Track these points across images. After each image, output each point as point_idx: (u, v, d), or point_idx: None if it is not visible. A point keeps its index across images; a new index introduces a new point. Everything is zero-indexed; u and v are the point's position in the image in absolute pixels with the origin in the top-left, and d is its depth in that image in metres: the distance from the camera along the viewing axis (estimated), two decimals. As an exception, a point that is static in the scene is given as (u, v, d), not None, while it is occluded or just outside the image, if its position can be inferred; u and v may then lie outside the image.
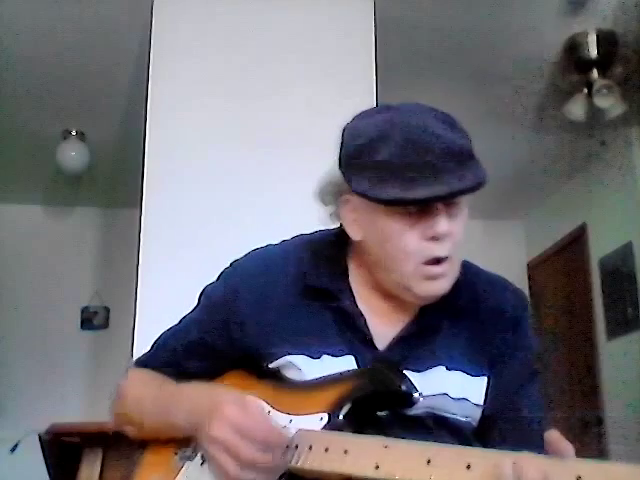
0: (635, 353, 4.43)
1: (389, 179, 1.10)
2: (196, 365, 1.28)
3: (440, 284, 1.17)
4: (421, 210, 1.12)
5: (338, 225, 1.25)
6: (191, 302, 1.34)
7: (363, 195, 1.14)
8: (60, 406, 4.90)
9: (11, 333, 5.36)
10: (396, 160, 1.09)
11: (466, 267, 1.24)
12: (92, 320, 5.55)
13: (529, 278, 5.73)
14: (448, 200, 1.12)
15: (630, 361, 4.47)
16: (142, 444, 1.30)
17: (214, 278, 1.33)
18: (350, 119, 1.23)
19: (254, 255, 1.31)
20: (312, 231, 1.32)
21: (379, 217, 1.14)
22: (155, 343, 1.35)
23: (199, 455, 1.18)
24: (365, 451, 1.01)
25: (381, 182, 1.10)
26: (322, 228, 1.34)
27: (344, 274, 1.25)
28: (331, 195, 1.23)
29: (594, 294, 4.91)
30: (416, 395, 1.11)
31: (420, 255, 1.14)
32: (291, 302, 1.23)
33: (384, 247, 1.16)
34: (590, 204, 5.06)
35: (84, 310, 5.56)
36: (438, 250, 1.14)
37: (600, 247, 4.88)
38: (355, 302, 1.22)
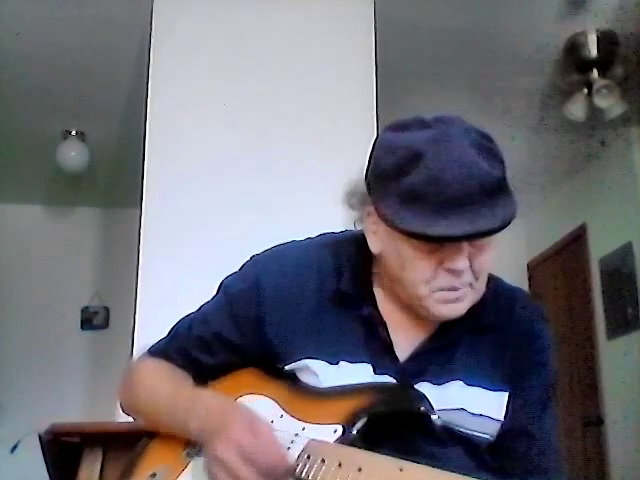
0: (635, 353, 4.43)
1: (413, 207, 1.05)
2: (210, 359, 1.26)
3: (456, 307, 1.14)
4: (441, 242, 1.09)
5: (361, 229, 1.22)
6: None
7: (383, 219, 1.11)
8: (60, 406, 4.90)
9: (11, 333, 5.36)
10: (424, 189, 1.05)
11: (490, 281, 1.20)
12: (92, 320, 5.55)
13: (529, 278, 5.73)
14: (469, 240, 1.09)
15: (630, 361, 4.46)
16: (150, 434, 1.29)
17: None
18: (384, 129, 1.17)
19: (278, 252, 1.29)
20: (339, 230, 1.29)
21: (397, 238, 1.11)
22: (171, 331, 1.32)
23: None
24: (379, 471, 0.99)
25: (404, 209, 1.06)
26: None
27: (368, 280, 1.22)
28: (357, 201, 1.19)
29: (594, 294, 4.90)
30: (434, 417, 1.09)
31: (434, 283, 1.11)
32: (314, 305, 1.21)
33: (400, 266, 1.13)
34: (590, 204, 5.06)
35: (84, 310, 5.55)
36: (454, 282, 1.11)
37: (600, 247, 4.87)
38: (378, 310, 1.20)
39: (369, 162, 1.16)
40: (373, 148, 1.16)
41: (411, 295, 1.14)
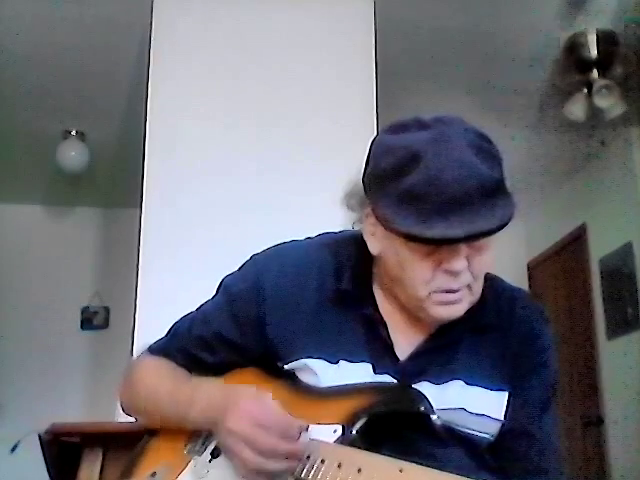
0: (635, 353, 4.43)
1: (409, 209, 1.05)
2: (210, 357, 1.26)
3: (454, 309, 1.14)
4: (438, 244, 1.08)
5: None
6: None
7: (382, 221, 1.11)
8: (60, 406, 4.90)
9: (11, 333, 5.36)
10: (423, 189, 1.04)
11: (490, 281, 1.20)
12: (92, 320, 5.55)
13: (529, 278, 5.73)
14: (465, 242, 1.08)
15: (630, 361, 4.47)
16: (150, 432, 1.30)
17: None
18: (382, 130, 1.17)
19: (279, 251, 1.29)
20: (339, 230, 1.29)
21: (396, 240, 1.11)
22: (170, 330, 1.32)
23: (208, 451, 1.19)
24: (379, 472, 1.00)
25: (402, 210, 1.06)
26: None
27: (368, 280, 1.22)
28: (355, 203, 1.19)
29: (594, 294, 4.90)
30: (434, 417, 1.09)
31: (433, 284, 1.11)
32: (314, 304, 1.21)
33: (399, 268, 1.13)
34: (590, 204, 5.06)
35: (84, 310, 5.56)
36: (452, 283, 1.11)
37: (600, 247, 4.87)
38: (377, 309, 1.20)
39: (367, 163, 1.15)
40: (371, 149, 1.15)
41: (410, 296, 1.14)
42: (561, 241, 5.39)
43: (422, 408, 1.09)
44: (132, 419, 1.37)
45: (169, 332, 1.33)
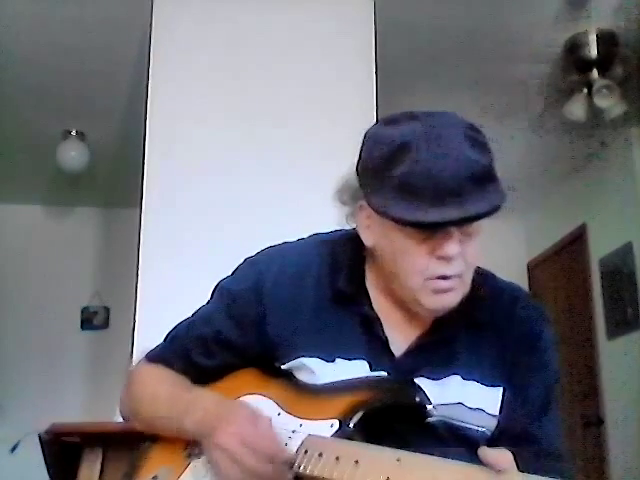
0: (635, 353, 4.43)
1: (403, 196, 1.07)
2: (208, 361, 1.27)
3: (448, 298, 1.14)
4: (433, 229, 1.10)
5: (354, 226, 1.23)
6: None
7: (375, 210, 1.12)
8: (60, 406, 4.90)
9: (11, 333, 5.36)
10: (412, 178, 1.06)
11: (487, 278, 1.21)
12: (92, 320, 5.55)
13: (529, 278, 5.73)
14: (460, 225, 1.10)
15: (630, 361, 4.47)
16: (152, 437, 1.30)
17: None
18: (375, 123, 1.19)
19: (276, 252, 1.30)
20: (330, 230, 1.30)
21: (391, 230, 1.12)
22: (168, 335, 1.33)
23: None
24: (377, 463, 1.00)
25: (395, 198, 1.08)
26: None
27: (361, 277, 1.23)
28: (348, 197, 1.21)
29: (594, 294, 4.90)
30: (430, 408, 1.10)
31: (427, 272, 1.12)
32: (309, 304, 1.22)
33: (394, 258, 1.14)
34: (590, 204, 5.06)
35: (84, 310, 5.56)
36: (446, 269, 1.12)
37: (600, 247, 4.88)
38: (372, 307, 1.21)
39: (360, 156, 1.17)
40: (363, 143, 1.17)
41: (404, 287, 1.15)
42: (561, 241, 5.39)
43: (417, 399, 1.10)
44: (133, 420, 1.37)
45: (166, 338, 1.33)
